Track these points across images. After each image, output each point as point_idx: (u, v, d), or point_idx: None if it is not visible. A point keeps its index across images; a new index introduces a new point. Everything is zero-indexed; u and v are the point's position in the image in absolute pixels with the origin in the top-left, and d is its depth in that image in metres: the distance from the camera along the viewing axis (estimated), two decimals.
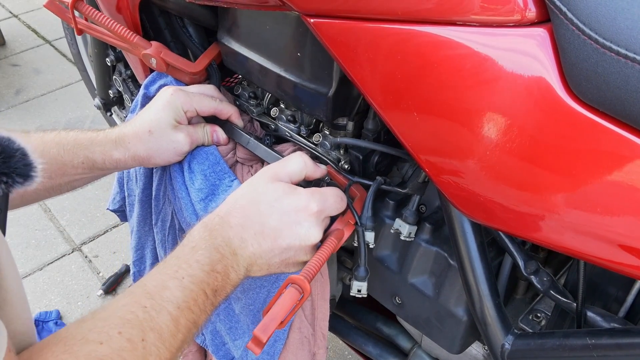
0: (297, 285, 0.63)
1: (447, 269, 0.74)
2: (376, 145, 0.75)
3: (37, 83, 2.38)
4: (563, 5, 0.45)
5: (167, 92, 0.79)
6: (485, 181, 0.54)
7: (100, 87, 1.31)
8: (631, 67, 0.42)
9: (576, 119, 0.46)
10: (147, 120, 0.77)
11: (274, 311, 0.61)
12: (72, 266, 1.67)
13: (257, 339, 0.60)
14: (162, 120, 0.77)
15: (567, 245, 0.52)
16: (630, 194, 0.46)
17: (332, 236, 0.69)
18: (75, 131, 0.77)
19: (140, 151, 0.77)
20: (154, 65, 0.87)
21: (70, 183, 0.79)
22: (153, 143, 0.77)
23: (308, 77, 0.72)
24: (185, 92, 0.80)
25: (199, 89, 0.84)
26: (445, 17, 0.50)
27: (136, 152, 0.77)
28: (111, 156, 0.77)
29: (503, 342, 0.67)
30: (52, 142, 0.74)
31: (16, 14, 2.88)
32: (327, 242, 0.68)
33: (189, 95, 0.80)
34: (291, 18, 0.69)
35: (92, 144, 0.76)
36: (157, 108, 0.78)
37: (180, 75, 0.89)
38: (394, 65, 0.55)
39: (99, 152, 0.76)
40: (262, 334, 0.59)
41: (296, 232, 0.65)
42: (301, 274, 0.64)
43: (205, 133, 0.82)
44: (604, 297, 0.67)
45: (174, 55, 0.87)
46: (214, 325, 0.89)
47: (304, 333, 0.81)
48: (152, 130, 0.77)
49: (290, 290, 0.62)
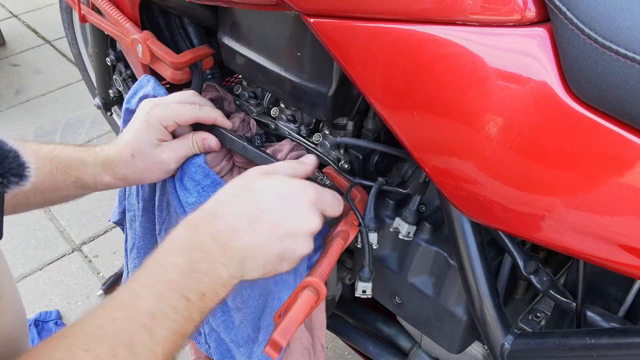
0: (312, 288, 0.61)
1: (446, 269, 0.74)
2: (376, 145, 0.75)
3: (37, 83, 2.38)
4: (563, 4, 0.45)
5: (143, 109, 0.76)
6: (485, 181, 0.54)
7: (100, 86, 1.31)
8: (630, 67, 0.42)
9: (575, 119, 0.46)
10: (129, 143, 0.75)
11: (292, 315, 0.59)
12: (72, 266, 1.67)
13: (276, 344, 0.57)
14: (142, 142, 0.75)
15: (566, 245, 0.52)
16: (630, 193, 0.46)
17: (339, 237, 0.69)
18: (69, 148, 0.76)
19: (128, 174, 0.76)
20: (140, 54, 0.86)
21: (63, 197, 0.78)
22: (138, 166, 0.75)
23: (308, 77, 0.72)
24: (162, 106, 0.76)
25: (177, 97, 0.79)
26: (445, 16, 0.50)
27: (125, 175, 0.76)
28: (102, 179, 0.76)
29: (503, 341, 0.67)
30: (46, 158, 0.74)
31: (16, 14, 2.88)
32: (334, 243, 0.68)
33: (167, 108, 0.76)
34: (291, 18, 0.70)
35: (83, 166, 0.75)
36: (136, 130, 0.75)
37: (163, 69, 0.86)
38: (393, 65, 0.55)
39: (90, 175, 0.75)
40: (282, 339, 0.57)
41: (295, 215, 0.60)
42: (315, 276, 0.62)
43: (194, 143, 0.78)
44: (604, 297, 0.67)
45: (160, 44, 0.86)
46: (217, 334, 0.89)
47: (305, 344, 0.80)
48: (134, 154, 0.75)
49: (307, 293, 0.60)
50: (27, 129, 2.13)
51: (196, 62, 0.88)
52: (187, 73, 0.88)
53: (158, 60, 0.87)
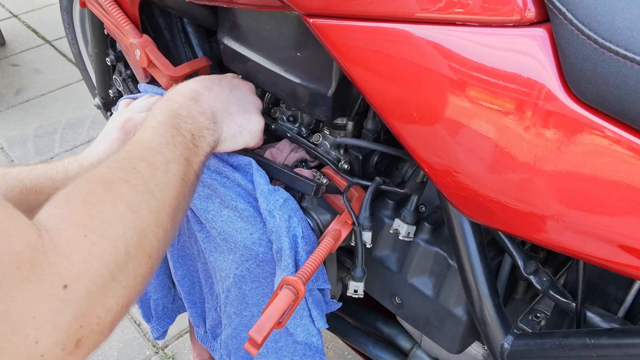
0: (291, 287, 0.64)
1: (446, 269, 0.74)
2: (376, 145, 0.75)
3: (37, 83, 2.38)
4: (562, 5, 0.45)
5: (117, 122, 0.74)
6: (485, 181, 0.54)
7: (100, 86, 1.31)
8: (630, 67, 0.42)
9: (575, 119, 0.46)
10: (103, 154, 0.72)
11: (269, 312, 0.62)
12: None
13: (253, 340, 0.61)
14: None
15: (566, 245, 0.52)
16: (630, 194, 0.46)
17: (329, 236, 0.69)
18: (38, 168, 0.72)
19: None
20: (137, 57, 0.86)
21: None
22: None
23: (308, 77, 0.72)
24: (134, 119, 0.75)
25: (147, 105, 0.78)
26: (445, 17, 0.50)
27: None
28: None
29: (502, 342, 0.67)
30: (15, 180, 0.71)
31: (16, 14, 2.88)
32: (323, 242, 0.68)
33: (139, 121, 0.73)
34: (291, 18, 0.70)
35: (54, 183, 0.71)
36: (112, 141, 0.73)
37: (160, 76, 0.87)
38: (393, 66, 0.55)
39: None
40: (257, 335, 0.61)
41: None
42: (296, 275, 0.65)
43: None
44: (604, 297, 0.67)
45: (158, 54, 0.86)
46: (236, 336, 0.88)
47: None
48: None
49: (285, 292, 0.64)
50: (27, 129, 2.13)
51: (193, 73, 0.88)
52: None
53: (155, 67, 0.87)
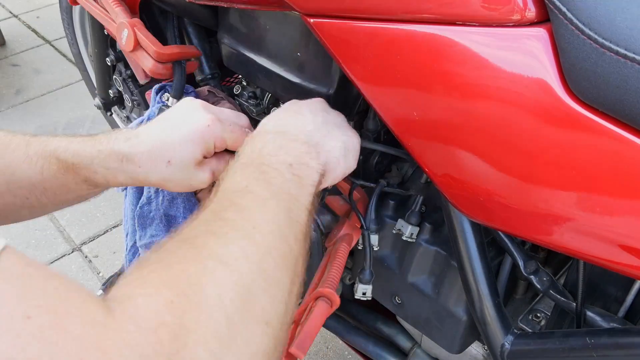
0: (326, 298, 0.61)
1: (446, 269, 0.74)
2: (376, 145, 0.75)
3: (37, 83, 2.38)
4: (563, 5, 0.45)
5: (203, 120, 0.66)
6: (485, 181, 0.54)
7: (100, 86, 1.31)
8: (630, 67, 0.42)
9: (575, 119, 0.46)
10: (169, 147, 0.64)
11: (308, 327, 0.59)
12: (72, 266, 1.67)
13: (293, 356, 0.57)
14: (186, 153, 0.64)
15: (566, 245, 0.52)
16: (630, 194, 0.46)
17: (344, 242, 0.69)
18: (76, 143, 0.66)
19: (152, 177, 0.66)
20: (124, 40, 0.82)
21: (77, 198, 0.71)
22: (169, 174, 0.65)
23: (308, 77, 0.72)
24: (221, 123, 0.66)
25: (234, 117, 0.70)
26: (445, 16, 0.50)
27: (147, 178, 0.65)
28: (115, 178, 0.66)
29: (503, 342, 0.67)
30: (52, 156, 0.65)
31: (16, 14, 2.88)
32: (339, 248, 0.68)
33: (225, 129, 0.66)
34: (291, 18, 0.70)
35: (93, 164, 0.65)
36: (184, 137, 0.64)
37: (144, 60, 0.82)
38: (393, 65, 0.55)
39: (101, 174, 0.65)
40: (300, 351, 0.57)
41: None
42: (326, 285, 0.63)
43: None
44: (604, 297, 0.67)
45: (147, 32, 0.82)
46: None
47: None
48: (172, 161, 0.64)
49: (321, 304, 0.61)
50: (27, 129, 2.11)
51: (181, 60, 0.84)
52: (169, 69, 0.84)
53: (141, 50, 0.82)
